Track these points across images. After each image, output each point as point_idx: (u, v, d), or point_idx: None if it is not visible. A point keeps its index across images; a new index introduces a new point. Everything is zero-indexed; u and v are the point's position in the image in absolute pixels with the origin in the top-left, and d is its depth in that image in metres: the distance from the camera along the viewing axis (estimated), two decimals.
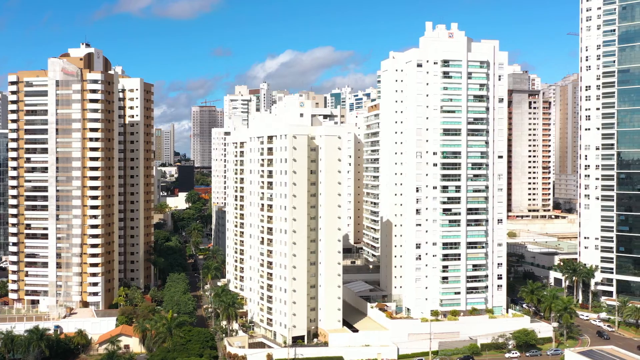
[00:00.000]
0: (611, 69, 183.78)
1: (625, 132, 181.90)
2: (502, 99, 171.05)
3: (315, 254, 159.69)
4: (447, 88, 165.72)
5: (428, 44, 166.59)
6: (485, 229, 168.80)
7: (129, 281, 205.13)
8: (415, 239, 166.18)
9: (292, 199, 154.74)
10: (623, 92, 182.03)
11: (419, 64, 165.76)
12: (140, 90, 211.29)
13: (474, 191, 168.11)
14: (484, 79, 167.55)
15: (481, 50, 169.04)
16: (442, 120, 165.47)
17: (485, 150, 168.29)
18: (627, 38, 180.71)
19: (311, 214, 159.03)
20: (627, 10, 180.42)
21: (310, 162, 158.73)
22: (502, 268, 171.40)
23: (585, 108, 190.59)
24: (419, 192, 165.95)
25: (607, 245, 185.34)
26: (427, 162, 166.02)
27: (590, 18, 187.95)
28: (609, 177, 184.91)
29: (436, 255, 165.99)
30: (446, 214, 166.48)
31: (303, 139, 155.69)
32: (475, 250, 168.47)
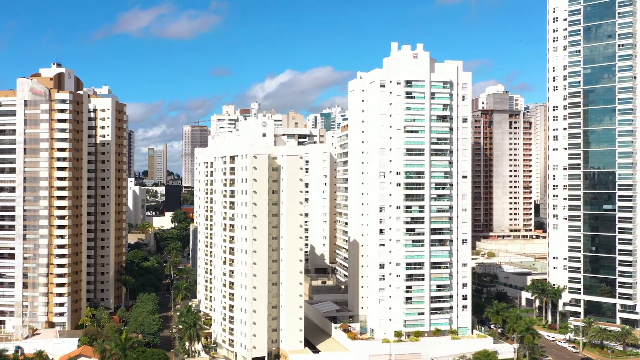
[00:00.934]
0: (577, 89, 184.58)
1: (591, 152, 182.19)
2: (466, 119, 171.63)
3: (277, 274, 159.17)
4: (410, 108, 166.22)
5: (391, 64, 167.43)
6: (449, 249, 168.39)
7: (98, 301, 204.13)
8: (379, 259, 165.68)
9: (253, 218, 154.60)
10: (588, 112, 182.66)
11: (382, 84, 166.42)
12: (112, 110, 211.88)
13: (437, 211, 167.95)
14: (447, 99, 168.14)
15: (444, 70, 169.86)
16: (405, 140, 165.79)
17: (449, 170, 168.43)
18: (591, 59, 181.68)
19: (273, 233, 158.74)
20: (591, 32, 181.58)
21: (272, 181, 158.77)
22: (467, 288, 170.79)
23: (553, 128, 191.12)
24: (383, 212, 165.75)
25: (574, 266, 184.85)
26: (390, 182, 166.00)
27: (557, 39, 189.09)
28: (576, 197, 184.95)
29: (400, 276, 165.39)
30: (410, 234, 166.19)
31: (264, 158, 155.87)
32: (440, 270, 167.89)
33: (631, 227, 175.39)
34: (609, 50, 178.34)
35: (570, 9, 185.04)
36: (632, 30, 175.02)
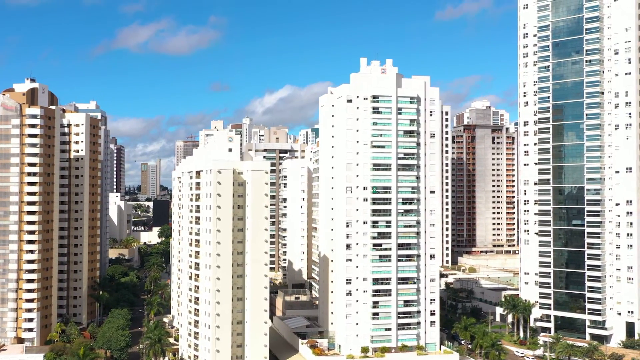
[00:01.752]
0: (546, 105, 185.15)
1: (559, 167, 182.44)
2: (433, 134, 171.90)
3: (243, 289, 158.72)
4: (376, 123, 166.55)
5: (358, 79, 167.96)
6: (416, 265, 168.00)
7: (70, 317, 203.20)
8: (346, 274, 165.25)
9: (217, 233, 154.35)
10: (557, 127, 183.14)
11: (349, 100, 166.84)
12: (86, 125, 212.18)
13: (405, 226, 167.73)
14: (414, 114, 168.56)
15: (412, 86, 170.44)
16: (372, 155, 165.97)
17: (416, 185, 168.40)
18: (560, 74, 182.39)
19: (238, 248, 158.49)
20: (560, 47, 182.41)
21: (237, 196, 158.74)
22: (435, 304, 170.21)
23: (524, 143, 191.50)
24: (349, 227, 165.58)
25: (545, 281, 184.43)
26: (357, 197, 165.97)
27: (527, 55, 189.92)
28: (546, 213, 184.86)
29: (367, 291, 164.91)
30: (376, 249, 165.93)
31: (228, 173, 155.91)
32: (407, 285, 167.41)
33: (599, 242, 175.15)
34: (577, 66, 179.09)
35: (540, 25, 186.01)
36: (599, 46, 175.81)
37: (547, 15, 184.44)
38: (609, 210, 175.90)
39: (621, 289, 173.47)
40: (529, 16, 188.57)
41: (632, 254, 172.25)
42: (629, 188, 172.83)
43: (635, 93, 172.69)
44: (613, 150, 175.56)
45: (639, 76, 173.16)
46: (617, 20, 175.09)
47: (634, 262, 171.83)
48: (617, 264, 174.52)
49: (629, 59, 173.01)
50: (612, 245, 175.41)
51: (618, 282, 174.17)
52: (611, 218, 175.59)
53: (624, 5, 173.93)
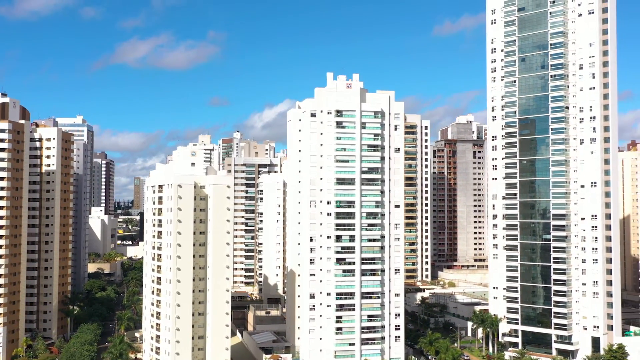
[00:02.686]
0: (513, 119, 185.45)
1: (526, 181, 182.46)
2: (398, 148, 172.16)
3: (204, 304, 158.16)
4: (340, 138, 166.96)
5: (322, 94, 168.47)
6: (380, 279, 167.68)
7: (40, 332, 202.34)
8: (310, 288, 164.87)
9: (177, 248, 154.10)
10: (524, 141, 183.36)
11: (313, 114, 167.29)
12: (57, 139, 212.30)
13: (368, 240, 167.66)
14: (378, 129, 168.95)
15: (376, 100, 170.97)
16: (336, 170, 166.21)
17: (380, 199, 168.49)
18: (526, 89, 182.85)
19: (200, 263, 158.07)
20: (526, 62, 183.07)
21: (199, 211, 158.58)
22: (400, 319, 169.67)
23: (492, 158, 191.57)
24: (313, 242, 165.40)
25: (512, 296, 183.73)
26: (321, 211, 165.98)
27: (495, 69, 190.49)
28: (513, 227, 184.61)
29: (330, 306, 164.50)
30: (340, 264, 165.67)
31: (189, 188, 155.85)
32: (371, 300, 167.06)
33: (565, 257, 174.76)
34: (543, 81, 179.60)
35: (506, 40, 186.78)
36: (563, 61, 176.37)
37: (513, 31, 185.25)
38: (575, 225, 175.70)
39: (587, 303, 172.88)
40: (497, 31, 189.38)
41: (597, 269, 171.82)
42: (594, 202, 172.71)
43: (600, 108, 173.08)
44: (578, 165, 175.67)
45: (603, 91, 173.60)
46: (582, 35, 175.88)
47: (599, 277, 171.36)
48: (583, 279, 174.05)
49: (593, 74, 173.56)
50: (578, 260, 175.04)
51: (584, 296, 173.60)
52: (577, 232, 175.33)
53: (588, 20, 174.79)
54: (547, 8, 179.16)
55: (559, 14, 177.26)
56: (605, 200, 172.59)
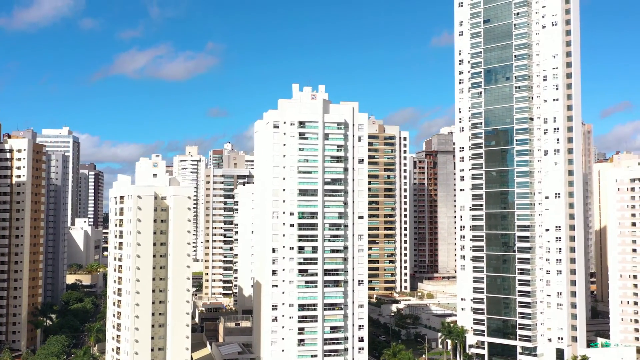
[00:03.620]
0: (478, 131, 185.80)
1: (491, 192, 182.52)
2: (362, 159, 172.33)
3: (164, 315, 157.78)
4: (303, 149, 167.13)
5: (285, 105, 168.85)
6: (343, 290, 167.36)
7: (9, 343, 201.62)
8: (272, 300, 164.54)
9: (136, 259, 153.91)
10: (489, 153, 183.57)
11: (276, 125, 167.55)
12: (28, 150, 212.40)
13: (331, 252, 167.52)
14: (341, 140, 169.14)
15: (339, 111, 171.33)
16: (298, 181, 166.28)
17: (343, 210, 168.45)
18: (491, 100, 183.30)
19: (160, 274, 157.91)
20: (492, 74, 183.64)
21: (160, 222, 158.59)
22: (363, 330, 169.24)
23: (460, 169, 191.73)
24: (276, 253, 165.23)
25: (478, 307, 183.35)
26: (284, 222, 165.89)
27: (463, 81, 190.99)
28: (479, 238, 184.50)
29: (292, 317, 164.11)
30: (302, 275, 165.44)
31: (149, 199, 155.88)
32: (333, 312, 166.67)
33: (530, 268, 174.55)
34: (507, 92, 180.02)
35: (473, 52, 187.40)
36: (527, 72, 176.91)
37: (479, 42, 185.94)
38: (539, 236, 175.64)
39: (551, 315, 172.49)
40: (464, 43, 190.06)
41: (561, 280, 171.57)
42: (558, 213, 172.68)
43: (563, 119, 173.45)
44: (543, 176, 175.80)
45: (566, 102, 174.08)
46: (546, 47, 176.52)
47: (563, 288, 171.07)
48: (548, 290, 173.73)
49: (557, 85, 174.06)
50: (542, 271, 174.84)
51: (548, 308, 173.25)
52: (541, 244, 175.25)
53: (552, 32, 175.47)
54: (511, 20, 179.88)
55: (523, 26, 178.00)
56: (569, 212, 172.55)
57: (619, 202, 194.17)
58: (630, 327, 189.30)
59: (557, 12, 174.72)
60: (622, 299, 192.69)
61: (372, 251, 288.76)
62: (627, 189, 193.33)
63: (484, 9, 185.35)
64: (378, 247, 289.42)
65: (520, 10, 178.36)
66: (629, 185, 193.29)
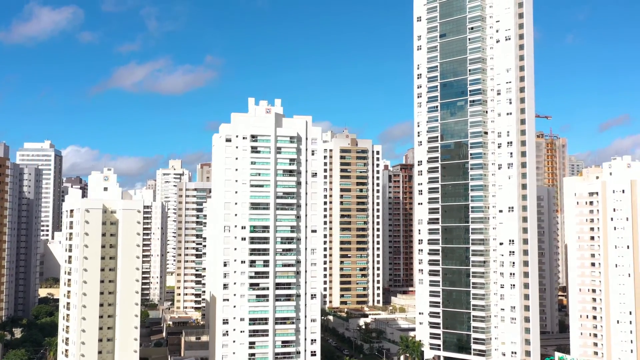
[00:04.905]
0: (435, 144, 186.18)
1: (447, 206, 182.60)
2: (315, 173, 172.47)
3: (113, 329, 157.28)
4: (255, 162, 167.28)
5: (237, 119, 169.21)
6: (295, 304, 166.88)
7: None
8: (223, 314, 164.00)
9: (83, 273, 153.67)
10: (445, 167, 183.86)
11: (228, 139, 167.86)
12: None
13: (283, 265, 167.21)
14: (294, 154, 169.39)
15: (293, 125, 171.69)
16: (250, 195, 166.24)
17: (295, 224, 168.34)
18: (448, 114, 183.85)
19: (109, 288, 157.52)
20: (447, 87, 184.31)
21: (109, 235, 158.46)
22: (316, 344, 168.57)
23: (418, 183, 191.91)
24: (227, 267, 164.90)
25: (434, 321, 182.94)
26: (235, 236, 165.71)
27: (421, 95, 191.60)
28: (435, 252, 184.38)
29: (244, 331, 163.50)
30: (254, 289, 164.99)
31: (97, 212, 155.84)
32: (285, 326, 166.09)
33: (484, 282, 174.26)
34: (462, 106, 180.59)
35: (429, 66, 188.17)
36: (481, 86, 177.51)
37: (435, 57, 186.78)
38: (494, 250, 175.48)
39: (505, 329, 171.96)
40: (421, 57, 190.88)
41: (514, 294, 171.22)
42: (512, 227, 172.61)
43: (517, 133, 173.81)
44: (497, 190, 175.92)
45: (520, 116, 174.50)
46: (500, 61, 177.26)
47: (517, 302, 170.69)
48: (502, 304, 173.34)
49: (510, 99, 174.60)
50: (496, 285, 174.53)
51: (502, 322, 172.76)
52: (495, 257, 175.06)
53: (505, 46, 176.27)
54: (466, 34, 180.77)
55: (477, 40, 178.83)
56: (522, 225, 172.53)
57: (578, 216, 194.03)
58: (589, 341, 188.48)
59: (511, 27, 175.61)
60: (581, 312, 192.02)
61: (344, 265, 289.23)
62: (586, 203, 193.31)
63: (440, 23, 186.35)
64: (350, 261, 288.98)
65: (475, 25, 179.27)
66: (588, 199, 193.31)
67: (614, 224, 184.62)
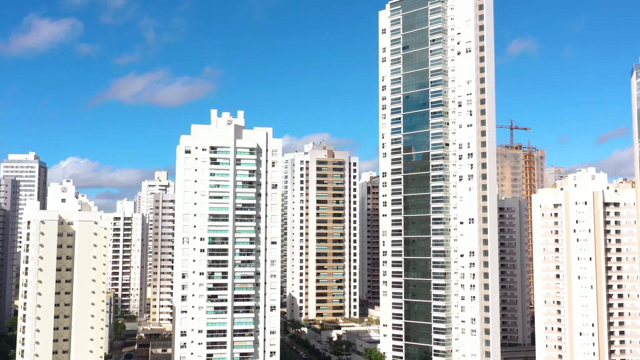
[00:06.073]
0: (398, 156, 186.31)
1: (409, 218, 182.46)
2: (275, 185, 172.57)
3: (69, 342, 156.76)
4: (214, 174, 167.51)
5: (197, 130, 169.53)
6: (254, 316, 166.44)
7: None
8: (181, 326, 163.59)
9: (38, 284, 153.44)
10: (407, 178, 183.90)
11: (187, 151, 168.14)
12: None
13: (242, 277, 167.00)
14: (253, 165, 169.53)
15: (253, 137, 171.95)
16: (209, 206, 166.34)
17: (254, 235, 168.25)
18: (410, 126, 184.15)
19: (66, 300, 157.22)
20: (410, 100, 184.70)
21: (66, 247, 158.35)
22: (275, 357, 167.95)
23: (383, 194, 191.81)
24: (185, 279, 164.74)
25: (397, 333, 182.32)
26: (194, 247, 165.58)
27: (385, 107, 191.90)
28: (398, 264, 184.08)
29: (202, 343, 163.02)
30: (212, 301, 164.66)
31: (52, 224, 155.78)
32: (243, 338, 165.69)
33: (445, 294, 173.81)
34: (424, 118, 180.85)
35: (393, 78, 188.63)
36: (442, 98, 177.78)
37: (399, 69, 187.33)
38: (455, 262, 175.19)
39: (466, 341, 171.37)
40: (386, 69, 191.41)
41: (474, 306, 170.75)
42: (472, 239, 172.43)
43: (477, 144, 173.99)
44: (458, 201, 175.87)
45: (480, 127, 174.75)
46: (461, 73, 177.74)
47: (477, 314, 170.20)
48: (462, 316, 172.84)
49: (471, 111, 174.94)
50: (457, 297, 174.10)
51: (463, 334, 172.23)
52: (457, 269, 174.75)
53: (466, 59, 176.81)
54: (427, 47, 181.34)
55: (438, 52, 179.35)
56: (483, 237, 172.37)
57: (543, 228, 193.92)
58: (554, 353, 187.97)
59: (471, 39, 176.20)
60: (546, 325, 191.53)
61: (320, 276, 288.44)
62: (550, 215, 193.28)
63: (403, 35, 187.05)
64: (327, 273, 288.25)
65: (436, 37, 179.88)
66: (553, 211, 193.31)
67: (576, 236, 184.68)
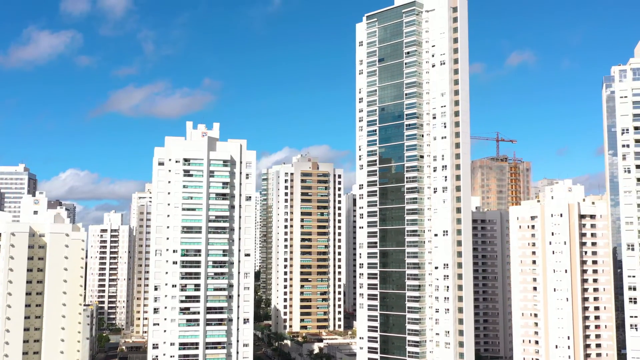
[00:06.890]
0: (374, 168, 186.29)
1: (384, 230, 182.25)
2: (249, 197, 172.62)
3: (39, 354, 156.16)
4: (187, 186, 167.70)
5: (171, 142, 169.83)
6: (227, 329, 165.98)
7: None
8: (153, 339, 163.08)
9: (8, 297, 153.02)
10: (383, 190, 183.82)
11: (161, 162, 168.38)
12: None
13: (215, 289, 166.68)
14: (227, 177, 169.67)
15: (227, 149, 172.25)
16: (182, 218, 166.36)
17: (227, 247, 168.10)
18: (386, 138, 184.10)
19: (37, 312, 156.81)
20: (385, 112, 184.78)
21: (37, 259, 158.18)
22: None
23: (359, 206, 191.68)
24: (158, 291, 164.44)
25: (372, 346, 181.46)
26: (167, 259, 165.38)
27: (362, 119, 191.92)
28: (373, 276, 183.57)
29: (174, 356, 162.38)
30: (184, 313, 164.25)
31: (23, 236, 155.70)
32: (216, 350, 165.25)
33: (419, 306, 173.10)
34: (399, 130, 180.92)
35: (369, 90, 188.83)
36: (417, 110, 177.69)
37: (374, 81, 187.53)
38: (429, 274, 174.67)
39: (440, 354, 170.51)
40: (362, 81, 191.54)
41: (448, 319, 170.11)
42: (446, 251, 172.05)
43: (451, 156, 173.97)
44: (432, 214, 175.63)
45: (454, 140, 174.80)
46: (435, 85, 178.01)
47: (450, 327, 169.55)
48: (437, 329, 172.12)
49: (445, 123, 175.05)
50: (432, 310, 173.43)
51: (437, 346, 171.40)
52: (431, 282, 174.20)
53: (440, 71, 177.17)
54: (402, 59, 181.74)
55: (413, 64, 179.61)
56: (457, 249, 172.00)
57: (520, 240, 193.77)
58: None
59: (445, 51, 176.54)
60: (523, 337, 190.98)
61: (304, 289, 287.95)
62: (527, 227, 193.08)
63: (379, 47, 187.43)
64: (311, 285, 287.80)
65: (411, 50, 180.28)
66: (529, 223, 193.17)
67: (552, 248, 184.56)
